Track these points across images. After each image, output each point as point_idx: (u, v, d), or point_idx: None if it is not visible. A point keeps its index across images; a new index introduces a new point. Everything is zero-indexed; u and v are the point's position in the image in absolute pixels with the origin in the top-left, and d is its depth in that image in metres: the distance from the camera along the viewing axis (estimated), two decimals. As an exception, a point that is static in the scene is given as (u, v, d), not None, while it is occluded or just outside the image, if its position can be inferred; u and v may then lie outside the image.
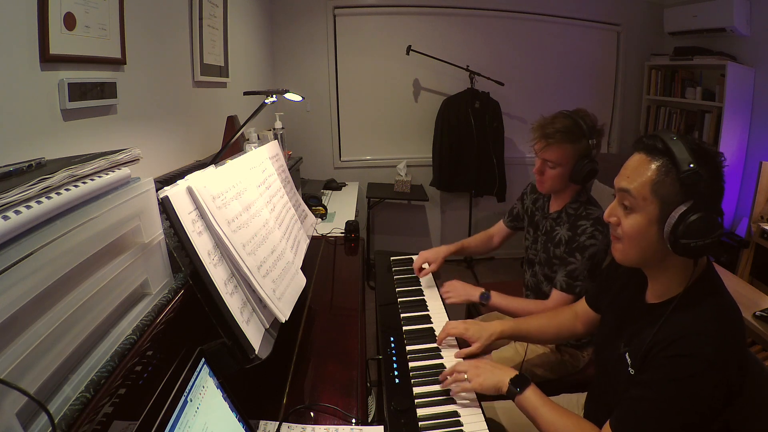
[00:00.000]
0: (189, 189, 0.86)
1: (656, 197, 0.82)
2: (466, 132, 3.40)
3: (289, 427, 0.91)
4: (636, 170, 0.85)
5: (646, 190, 0.82)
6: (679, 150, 0.79)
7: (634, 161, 0.86)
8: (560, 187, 1.46)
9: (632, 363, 0.88)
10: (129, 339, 0.73)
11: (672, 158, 0.80)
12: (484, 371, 1.06)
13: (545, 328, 1.29)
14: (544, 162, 1.43)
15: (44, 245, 0.59)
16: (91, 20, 1.16)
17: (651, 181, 0.82)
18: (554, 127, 1.38)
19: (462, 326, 1.28)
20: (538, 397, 0.99)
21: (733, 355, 0.77)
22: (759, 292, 1.89)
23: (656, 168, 0.82)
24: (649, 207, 0.83)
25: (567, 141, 1.37)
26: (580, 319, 1.23)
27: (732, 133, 3.10)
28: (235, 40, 2.39)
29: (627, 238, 0.87)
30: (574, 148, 1.38)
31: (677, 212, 0.79)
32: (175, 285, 0.96)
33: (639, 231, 0.85)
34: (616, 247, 0.92)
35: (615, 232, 0.91)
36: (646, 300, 0.94)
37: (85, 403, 0.61)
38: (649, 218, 0.83)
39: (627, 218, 0.86)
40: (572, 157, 1.39)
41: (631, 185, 0.84)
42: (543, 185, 1.48)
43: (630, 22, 3.71)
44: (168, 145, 1.66)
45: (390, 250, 1.95)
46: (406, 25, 3.49)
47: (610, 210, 0.91)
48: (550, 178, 1.43)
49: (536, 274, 1.58)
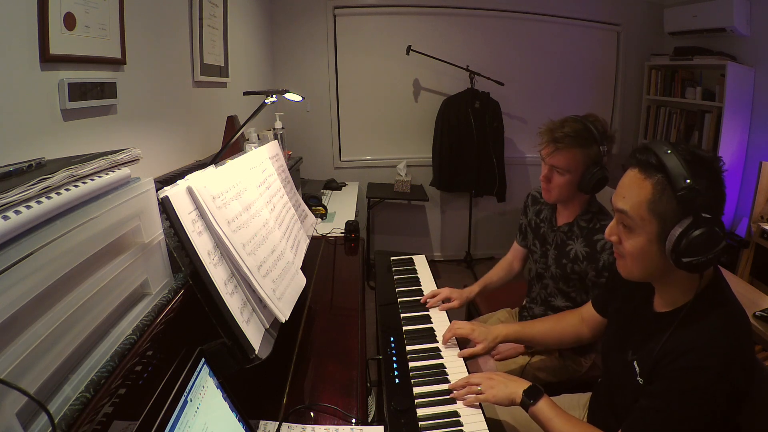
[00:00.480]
0: (189, 189, 0.86)
1: (654, 216, 0.80)
2: (466, 132, 3.39)
3: (289, 427, 0.91)
4: (631, 189, 0.83)
5: (643, 210, 0.81)
6: (674, 164, 0.77)
7: (628, 179, 0.85)
8: (567, 197, 1.39)
9: (641, 372, 0.87)
10: (129, 339, 0.73)
11: (667, 174, 0.78)
12: (498, 383, 1.06)
13: (549, 333, 1.29)
14: (552, 168, 1.36)
15: (44, 245, 0.59)
16: (91, 20, 1.16)
17: (647, 201, 0.80)
18: (563, 131, 1.31)
19: (468, 327, 1.29)
20: (551, 408, 0.99)
21: (741, 365, 0.77)
22: (759, 292, 1.89)
23: (651, 186, 0.80)
24: (647, 227, 0.81)
25: (577, 146, 1.30)
26: (587, 323, 1.23)
27: (732, 133, 3.10)
28: (235, 40, 2.39)
29: (629, 256, 0.86)
30: (584, 153, 1.31)
31: (677, 230, 0.77)
32: (175, 285, 0.96)
33: (641, 250, 0.84)
34: (619, 264, 0.92)
35: (618, 250, 0.90)
36: (654, 308, 0.93)
37: (85, 403, 0.61)
38: (648, 238, 0.82)
39: (628, 239, 0.85)
40: (582, 164, 1.32)
41: (627, 206, 0.83)
42: (550, 194, 1.40)
43: (630, 22, 3.71)
44: (168, 145, 1.66)
45: (390, 250, 1.95)
46: (406, 25, 3.49)
47: (611, 229, 0.90)
48: (558, 186, 1.36)
49: (547, 287, 1.53)
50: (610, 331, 1.09)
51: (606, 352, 1.07)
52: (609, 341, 1.06)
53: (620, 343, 0.99)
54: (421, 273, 1.69)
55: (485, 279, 1.71)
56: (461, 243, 3.83)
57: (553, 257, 1.48)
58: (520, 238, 1.71)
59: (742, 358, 0.77)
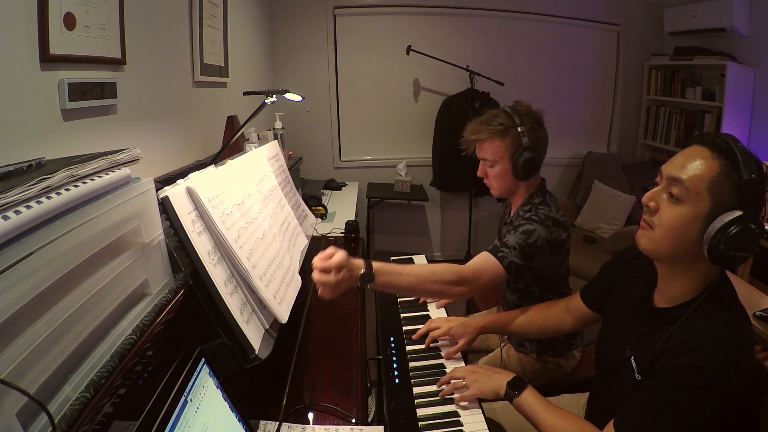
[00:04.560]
0: (189, 189, 0.86)
1: (711, 195, 0.78)
2: (466, 132, 3.39)
3: (289, 427, 0.91)
4: (695, 162, 0.80)
5: (702, 186, 0.78)
6: (745, 156, 0.76)
7: (693, 152, 0.82)
8: (509, 187, 1.35)
9: (638, 369, 0.86)
10: (129, 339, 0.73)
11: (735, 162, 0.77)
12: (482, 376, 1.06)
13: (529, 323, 1.27)
14: (484, 162, 1.34)
15: (44, 245, 0.59)
16: (91, 20, 1.16)
17: (710, 178, 0.78)
18: (480, 123, 1.30)
19: (445, 325, 1.27)
20: (536, 399, 0.99)
21: (742, 369, 0.76)
22: (759, 292, 1.89)
23: (719, 166, 0.78)
24: (699, 203, 0.78)
25: (495, 134, 1.27)
26: (571, 313, 1.22)
27: (732, 133, 3.08)
28: (235, 40, 2.39)
29: (664, 227, 0.82)
30: (504, 140, 1.27)
31: (727, 216, 0.76)
32: (175, 285, 0.95)
33: (682, 224, 0.80)
34: (645, 234, 0.87)
35: (648, 220, 0.86)
36: (654, 304, 0.92)
37: (85, 403, 0.60)
38: (695, 214, 0.79)
39: (671, 208, 0.82)
40: (506, 150, 1.28)
41: (686, 176, 0.80)
42: (492, 189, 1.38)
43: (630, 22, 3.71)
44: (168, 145, 1.66)
45: (390, 250, 1.95)
46: (406, 25, 3.49)
47: (652, 194, 0.85)
48: (494, 178, 1.33)
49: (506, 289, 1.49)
50: (606, 328, 1.07)
51: (602, 349, 1.06)
52: (605, 337, 1.05)
53: (617, 339, 0.98)
54: (421, 273, 1.68)
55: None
56: (461, 243, 3.82)
57: None
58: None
59: (743, 362, 0.77)
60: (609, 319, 1.09)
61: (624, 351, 0.93)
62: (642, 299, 0.96)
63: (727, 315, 0.80)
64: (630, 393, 0.86)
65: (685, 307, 0.83)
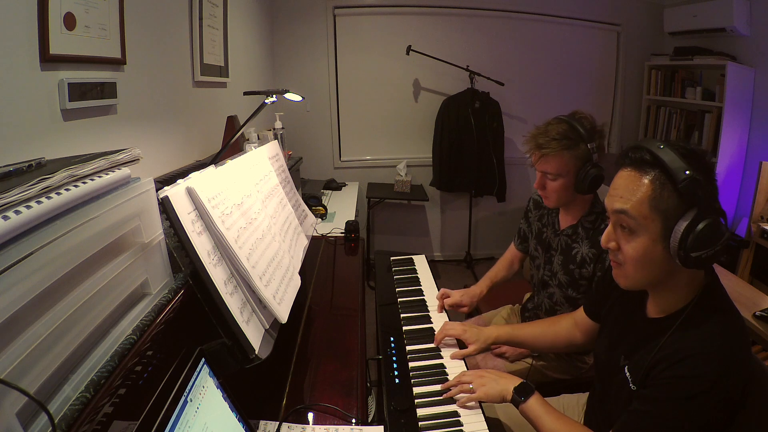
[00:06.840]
0: (189, 189, 0.86)
1: (657, 213, 0.77)
2: (466, 132, 3.39)
3: (289, 427, 0.91)
4: (628, 188, 0.80)
5: (645, 208, 0.77)
6: (671, 158, 0.75)
7: (623, 179, 0.81)
8: (567, 200, 1.36)
9: (633, 379, 0.86)
10: (129, 339, 0.73)
11: (664, 169, 0.76)
12: (489, 380, 1.06)
13: (542, 336, 1.27)
14: (544, 175, 1.33)
15: (44, 245, 0.59)
16: (91, 20, 1.16)
17: (648, 198, 0.77)
18: (547, 135, 1.28)
19: (460, 328, 1.28)
20: (541, 405, 0.99)
21: (736, 374, 0.75)
22: (759, 292, 1.89)
23: (650, 182, 0.77)
24: (650, 225, 0.78)
25: (563, 148, 1.27)
26: (579, 327, 1.22)
27: (732, 133, 3.10)
28: (235, 40, 2.39)
29: (631, 262, 0.82)
30: (572, 155, 1.28)
31: (681, 225, 0.75)
32: (175, 285, 0.95)
33: (644, 253, 0.80)
34: (619, 274, 0.87)
35: (616, 258, 0.86)
36: (647, 314, 0.92)
37: (85, 403, 0.60)
38: (652, 237, 0.78)
39: (628, 242, 0.81)
40: (572, 165, 1.29)
41: (627, 205, 0.79)
42: (548, 200, 1.37)
43: (630, 22, 3.71)
44: (168, 145, 1.66)
45: (390, 250, 1.95)
46: (406, 25, 3.49)
47: (607, 235, 0.86)
48: (554, 191, 1.33)
49: (552, 296, 1.48)
50: (602, 336, 1.07)
51: (598, 358, 1.06)
52: (601, 345, 1.05)
53: (612, 348, 0.97)
54: (421, 273, 1.69)
55: (490, 278, 1.68)
56: (461, 243, 3.83)
57: (560, 263, 1.43)
58: (519, 242, 1.69)
59: (738, 368, 0.76)
60: (605, 325, 1.08)
61: (619, 359, 0.93)
62: (635, 309, 0.95)
63: (719, 320, 0.79)
64: (625, 401, 0.86)
65: (677, 315, 0.82)
